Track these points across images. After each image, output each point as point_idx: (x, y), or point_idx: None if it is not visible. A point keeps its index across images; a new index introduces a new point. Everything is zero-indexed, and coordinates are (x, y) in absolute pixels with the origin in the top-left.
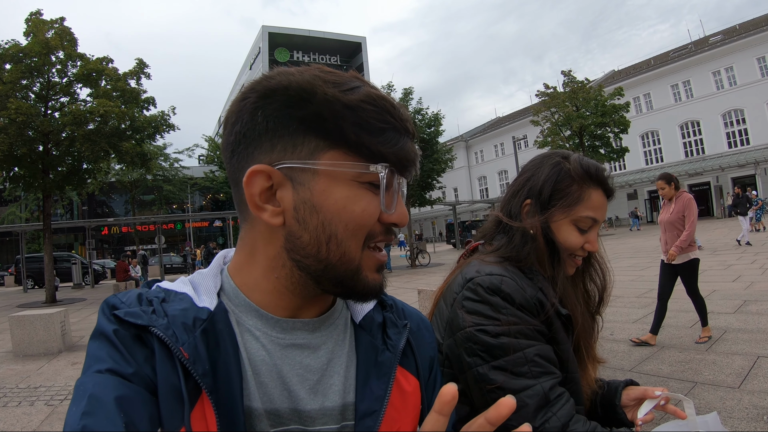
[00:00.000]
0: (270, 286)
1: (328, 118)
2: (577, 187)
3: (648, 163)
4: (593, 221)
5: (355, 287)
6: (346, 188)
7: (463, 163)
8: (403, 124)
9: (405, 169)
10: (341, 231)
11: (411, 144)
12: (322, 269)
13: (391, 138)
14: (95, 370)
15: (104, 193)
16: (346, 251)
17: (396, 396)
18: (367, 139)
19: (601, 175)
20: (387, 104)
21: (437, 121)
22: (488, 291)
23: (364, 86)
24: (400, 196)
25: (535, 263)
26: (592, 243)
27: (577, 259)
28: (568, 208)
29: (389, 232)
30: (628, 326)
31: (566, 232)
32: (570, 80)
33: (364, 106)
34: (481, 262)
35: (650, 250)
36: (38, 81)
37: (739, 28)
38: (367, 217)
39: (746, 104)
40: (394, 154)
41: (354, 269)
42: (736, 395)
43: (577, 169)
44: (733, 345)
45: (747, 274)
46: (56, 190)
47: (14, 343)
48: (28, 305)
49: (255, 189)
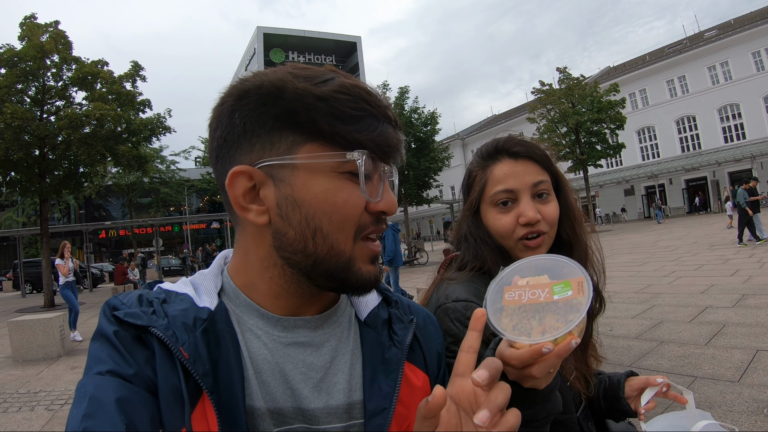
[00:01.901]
0: (266, 287)
1: (300, 111)
2: (480, 172)
3: (644, 159)
4: (508, 192)
5: (348, 280)
6: (326, 180)
7: (459, 161)
8: (381, 110)
9: (387, 155)
10: (326, 224)
11: (392, 130)
12: (311, 264)
13: (368, 125)
14: (96, 372)
15: (101, 197)
16: (334, 244)
17: (405, 392)
18: (341, 128)
19: (494, 147)
20: (362, 92)
21: (434, 120)
22: (453, 321)
23: (338, 77)
24: (387, 184)
25: (492, 264)
26: (524, 213)
27: (528, 241)
28: (480, 195)
29: (380, 222)
30: (627, 322)
31: (491, 217)
32: (566, 77)
33: (337, 96)
34: (449, 281)
35: (648, 246)
36: (33, 85)
37: (734, 23)
38: (350, 207)
39: (742, 99)
40: (372, 140)
41: (345, 262)
42: (736, 389)
43: (474, 159)
44: (732, 339)
45: (745, 268)
46: (53, 194)
47: (13, 349)
48: (27, 310)
49: (238, 190)
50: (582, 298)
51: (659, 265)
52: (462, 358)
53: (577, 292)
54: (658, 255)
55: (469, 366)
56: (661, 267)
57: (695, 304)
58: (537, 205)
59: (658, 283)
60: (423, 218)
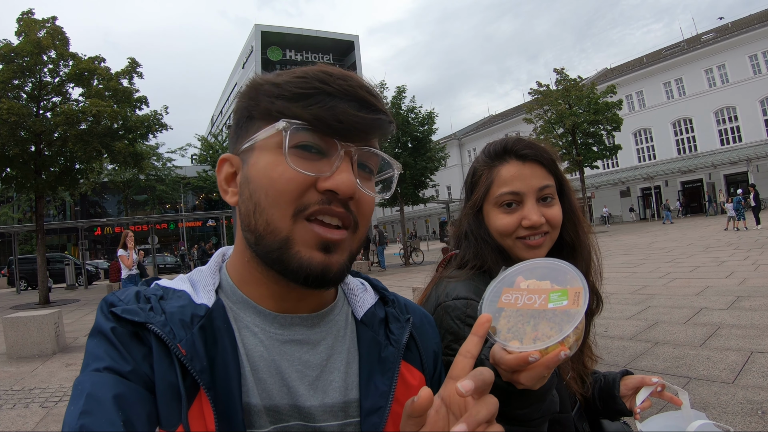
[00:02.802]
0: (248, 274)
1: (260, 99)
2: (486, 171)
3: (641, 161)
4: (514, 195)
5: (289, 264)
6: (270, 155)
7: (456, 161)
8: (340, 88)
9: (334, 129)
10: (263, 198)
11: (351, 107)
12: (255, 242)
13: (318, 101)
14: (93, 369)
15: (97, 194)
16: (269, 220)
17: (401, 391)
18: (280, 104)
19: (503, 148)
20: (322, 74)
21: (431, 120)
22: (453, 320)
23: (312, 68)
24: (348, 165)
25: (493, 264)
26: (528, 216)
27: (528, 240)
28: (485, 195)
29: (327, 202)
30: (622, 323)
31: (494, 217)
32: (563, 78)
33: (290, 80)
34: (449, 280)
35: (643, 247)
36: (30, 81)
37: (732, 26)
38: (284, 181)
39: (738, 102)
40: (315, 114)
41: (281, 241)
42: (731, 390)
43: (481, 158)
44: (727, 341)
45: (740, 270)
46: (49, 190)
47: (8, 345)
48: (22, 307)
49: (221, 175)
50: (576, 310)
51: (654, 267)
52: (459, 362)
53: (573, 303)
54: (654, 256)
55: (465, 370)
56: (656, 268)
57: (690, 305)
58: (541, 209)
59: (653, 284)
60: (419, 218)
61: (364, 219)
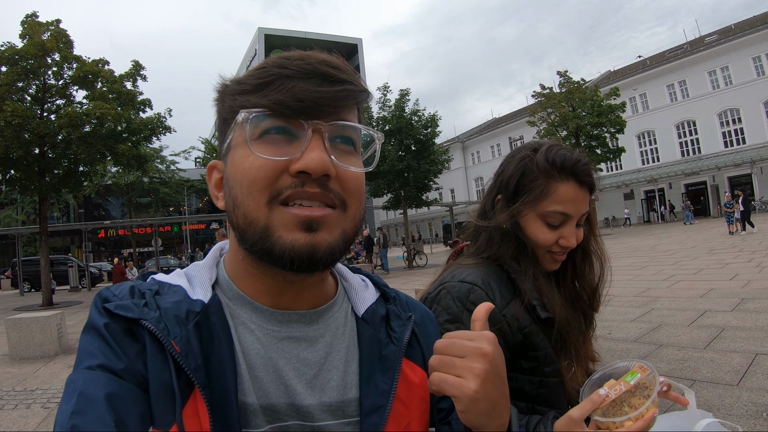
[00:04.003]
0: (243, 270)
1: (226, 100)
2: (542, 180)
3: (644, 163)
4: (563, 216)
5: (273, 251)
6: (241, 150)
7: (459, 164)
8: (298, 68)
9: (295, 110)
10: (239, 192)
11: (310, 84)
12: (240, 237)
13: (278, 86)
14: (86, 366)
15: (100, 196)
16: (246, 212)
17: (402, 389)
18: (244, 99)
19: (569, 166)
20: (280, 60)
21: (434, 123)
22: (454, 300)
23: (271, 58)
24: (316, 141)
25: (509, 261)
26: (567, 238)
27: (557, 255)
28: (533, 203)
29: (301, 185)
30: (626, 325)
31: (534, 228)
32: (566, 80)
33: (251, 73)
34: (458, 266)
35: (647, 250)
36: (34, 83)
37: (735, 28)
38: (255, 170)
39: (742, 104)
40: (275, 100)
41: (261, 230)
42: (735, 392)
43: (542, 163)
44: (732, 343)
45: (744, 272)
46: (52, 192)
47: (10, 346)
48: (25, 308)
49: (211, 183)
50: (649, 375)
51: (658, 269)
52: None
53: (642, 371)
54: (658, 259)
55: None
56: (660, 271)
57: (694, 307)
58: (576, 231)
59: (657, 286)
60: (422, 221)
61: (353, 196)
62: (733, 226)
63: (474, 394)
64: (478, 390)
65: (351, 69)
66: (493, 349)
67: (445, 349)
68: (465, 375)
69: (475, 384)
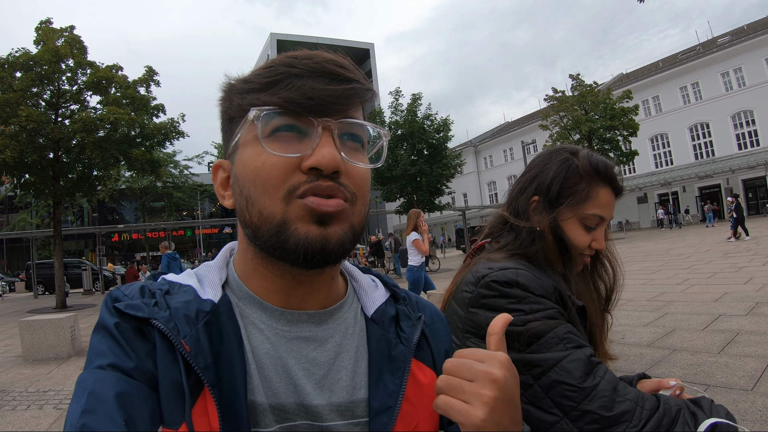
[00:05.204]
0: (253, 270)
1: (233, 98)
2: (585, 184)
3: (658, 166)
4: (600, 219)
5: (287, 244)
6: (251, 148)
7: (472, 168)
8: (306, 67)
9: (305, 107)
10: (252, 191)
11: (319, 82)
12: (253, 235)
13: (287, 84)
14: (96, 366)
15: (114, 200)
16: (262, 209)
17: (412, 390)
18: (253, 97)
19: (609, 173)
20: (288, 59)
21: (446, 127)
22: (505, 285)
23: (278, 57)
24: (327, 138)
25: (544, 261)
26: (599, 241)
27: (585, 258)
28: (577, 205)
29: (315, 179)
30: (639, 330)
31: (573, 230)
32: (578, 84)
33: (258, 72)
34: (489, 259)
35: (661, 254)
36: (48, 89)
37: (747, 29)
38: (269, 168)
39: (756, 105)
40: (284, 98)
41: (277, 225)
42: (749, 397)
43: (586, 166)
44: (746, 347)
45: (759, 276)
46: (66, 196)
47: (24, 348)
48: (39, 310)
49: (217, 182)
50: None
51: (672, 273)
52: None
53: None
54: (671, 263)
55: None
56: (674, 275)
57: (708, 312)
58: None
59: (670, 291)
60: (435, 225)
61: (360, 191)
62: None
63: (481, 423)
64: (486, 419)
65: (357, 68)
66: (504, 374)
67: (454, 370)
68: (473, 401)
69: (482, 413)
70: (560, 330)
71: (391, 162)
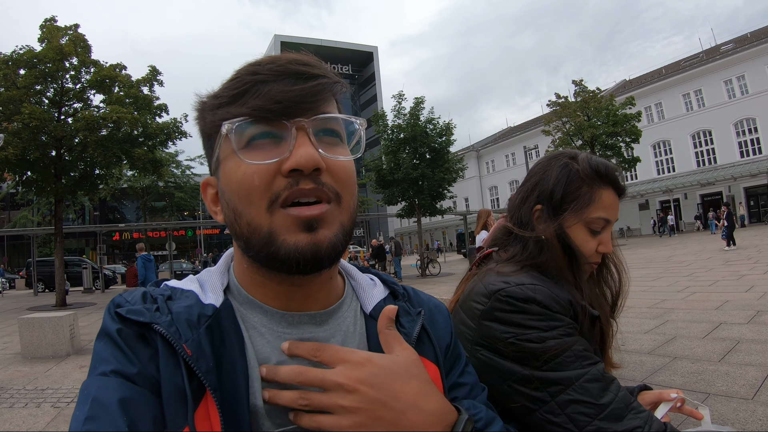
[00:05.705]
0: (250, 278)
1: (206, 116)
2: (587, 188)
3: (660, 173)
4: (605, 222)
5: (278, 254)
6: (231, 161)
7: (474, 173)
8: (270, 72)
9: (274, 112)
10: (238, 202)
11: (284, 84)
12: (245, 246)
13: (253, 93)
14: (99, 372)
15: (116, 199)
16: (249, 220)
17: None
18: (224, 111)
19: (611, 174)
20: (251, 68)
21: (448, 131)
22: (522, 301)
23: (242, 67)
24: (302, 138)
25: (554, 270)
26: (605, 244)
27: (593, 264)
28: (581, 210)
29: (296, 183)
30: (640, 337)
31: (581, 236)
32: (581, 90)
33: (226, 85)
34: (500, 272)
35: (662, 261)
36: (52, 87)
37: (751, 37)
38: (248, 177)
39: (758, 113)
40: (253, 105)
41: (265, 236)
42: (750, 406)
43: (586, 170)
44: (747, 356)
45: (760, 284)
46: (68, 195)
47: (23, 345)
48: (38, 308)
49: (207, 199)
50: None
51: (673, 281)
52: None
53: None
54: (672, 270)
55: None
56: (674, 282)
57: (709, 319)
58: None
59: (671, 298)
60: (436, 229)
61: (345, 187)
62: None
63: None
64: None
65: (322, 63)
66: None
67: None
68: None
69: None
70: (576, 348)
71: (393, 165)
